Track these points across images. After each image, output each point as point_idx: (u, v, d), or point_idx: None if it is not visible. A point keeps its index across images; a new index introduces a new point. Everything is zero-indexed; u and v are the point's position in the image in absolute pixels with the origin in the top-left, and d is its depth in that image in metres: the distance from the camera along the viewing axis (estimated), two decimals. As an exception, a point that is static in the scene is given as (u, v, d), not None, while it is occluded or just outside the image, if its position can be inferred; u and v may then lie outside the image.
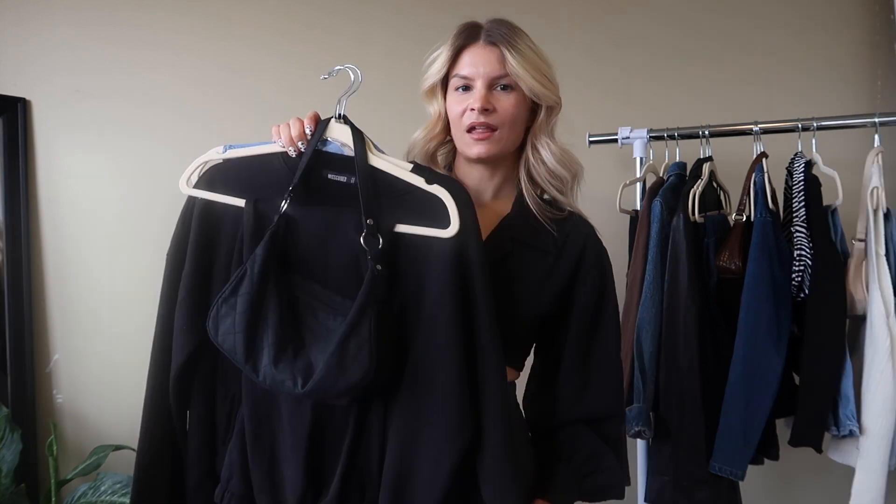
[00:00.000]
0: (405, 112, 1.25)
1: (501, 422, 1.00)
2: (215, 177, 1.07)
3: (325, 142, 1.05)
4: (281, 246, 1.00)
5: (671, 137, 1.86)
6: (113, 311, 2.07)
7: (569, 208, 1.18)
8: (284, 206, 1.00)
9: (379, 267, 0.96)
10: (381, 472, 1.00)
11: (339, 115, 1.05)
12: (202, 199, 1.06)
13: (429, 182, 1.00)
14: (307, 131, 1.04)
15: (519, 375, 1.19)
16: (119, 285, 2.06)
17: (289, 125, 1.04)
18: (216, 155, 1.07)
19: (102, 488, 1.88)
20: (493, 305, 1.01)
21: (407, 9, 2.14)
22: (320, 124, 1.05)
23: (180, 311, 1.05)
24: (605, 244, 1.20)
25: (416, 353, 1.00)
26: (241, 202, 1.04)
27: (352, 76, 1.07)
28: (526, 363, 1.21)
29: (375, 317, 0.94)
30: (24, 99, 2.07)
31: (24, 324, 2.04)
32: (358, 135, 1.04)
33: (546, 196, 1.19)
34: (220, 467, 1.08)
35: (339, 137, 1.04)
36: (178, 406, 1.07)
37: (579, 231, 1.17)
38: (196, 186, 1.06)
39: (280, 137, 1.04)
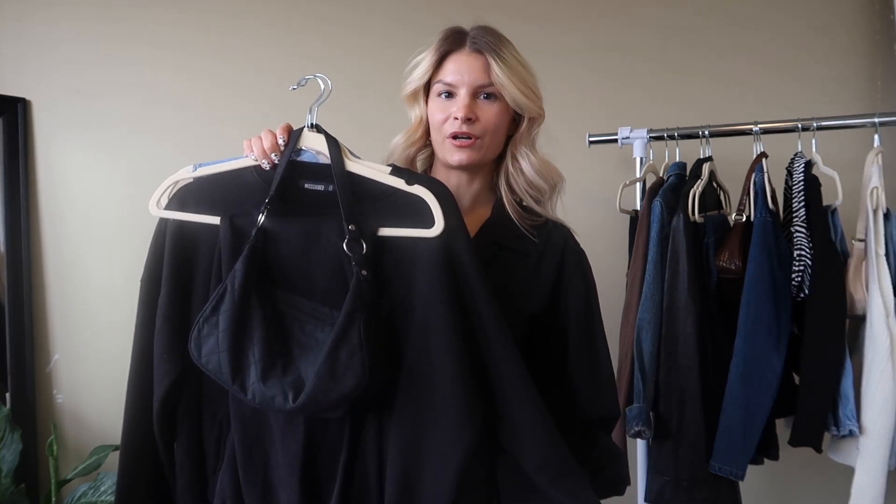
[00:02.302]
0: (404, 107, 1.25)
1: (534, 408, 0.98)
2: (186, 196, 1.03)
3: (299, 151, 1.03)
4: (261, 260, 0.97)
5: (671, 137, 1.86)
6: (113, 311, 2.07)
7: (546, 216, 1.19)
8: (262, 219, 0.98)
9: (364, 272, 0.94)
10: (381, 486, 0.98)
11: (312, 123, 1.04)
12: (175, 220, 1.03)
13: (409, 183, 0.99)
14: (280, 142, 1.02)
15: None
16: (119, 285, 2.06)
17: (260, 138, 1.03)
18: (186, 174, 1.04)
19: (102, 488, 1.88)
20: (493, 297, 0.99)
21: (409, 1, 2.14)
22: (293, 134, 1.03)
23: (159, 339, 1.01)
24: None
25: (409, 358, 0.97)
26: (215, 219, 1.01)
27: (321, 85, 1.05)
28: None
29: (365, 323, 0.92)
30: (24, 99, 2.07)
31: (24, 324, 2.04)
32: (332, 142, 1.02)
33: (524, 204, 1.19)
34: (212, 496, 1.05)
35: (314, 146, 1.02)
36: (164, 438, 1.04)
37: (558, 235, 1.18)
38: (167, 208, 1.03)
39: (252, 151, 1.02)
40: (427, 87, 1.16)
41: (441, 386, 0.96)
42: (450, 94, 1.13)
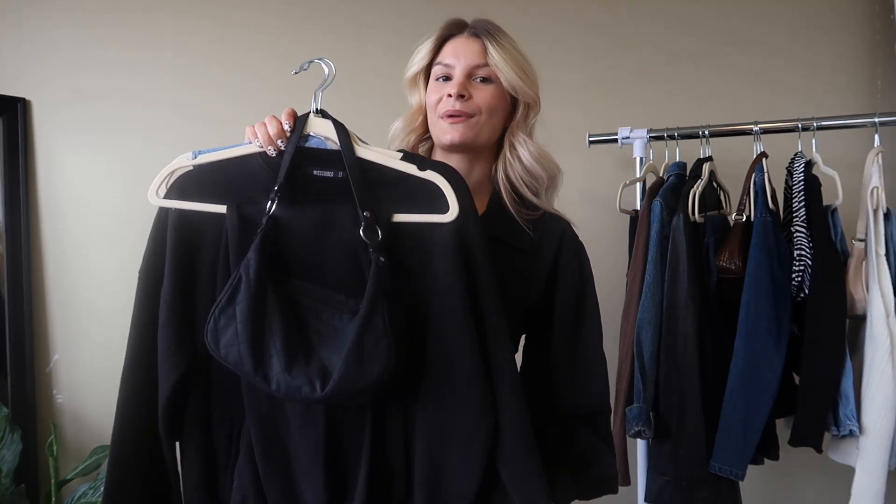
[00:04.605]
0: (404, 110, 1.25)
1: (516, 401, 0.98)
2: (187, 184, 1.00)
3: (306, 138, 1.00)
4: (273, 248, 0.95)
5: (671, 137, 1.86)
6: (113, 310, 2.07)
7: (543, 208, 1.18)
8: (272, 206, 0.95)
9: (382, 259, 0.93)
10: (407, 471, 0.98)
11: (317, 109, 1.01)
12: (176, 210, 0.99)
13: (421, 168, 0.98)
14: (286, 128, 0.99)
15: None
16: (119, 285, 2.06)
17: (265, 124, 1.00)
18: (185, 162, 1.01)
19: (102, 488, 1.87)
20: (496, 285, 0.99)
21: (405, 10, 2.13)
22: (299, 120, 1.00)
23: (164, 333, 0.97)
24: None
25: (430, 342, 0.97)
26: (221, 208, 0.98)
27: (325, 69, 1.03)
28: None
29: (388, 309, 0.92)
30: (24, 99, 2.08)
31: (24, 324, 2.04)
32: (340, 127, 0.99)
33: (521, 196, 1.18)
34: (223, 494, 1.02)
35: (322, 132, 1.00)
36: (168, 438, 1.00)
37: (554, 228, 1.17)
38: (166, 197, 1.00)
39: (257, 137, 0.99)
40: (427, 73, 1.19)
41: (461, 370, 0.96)
42: (447, 77, 1.15)
